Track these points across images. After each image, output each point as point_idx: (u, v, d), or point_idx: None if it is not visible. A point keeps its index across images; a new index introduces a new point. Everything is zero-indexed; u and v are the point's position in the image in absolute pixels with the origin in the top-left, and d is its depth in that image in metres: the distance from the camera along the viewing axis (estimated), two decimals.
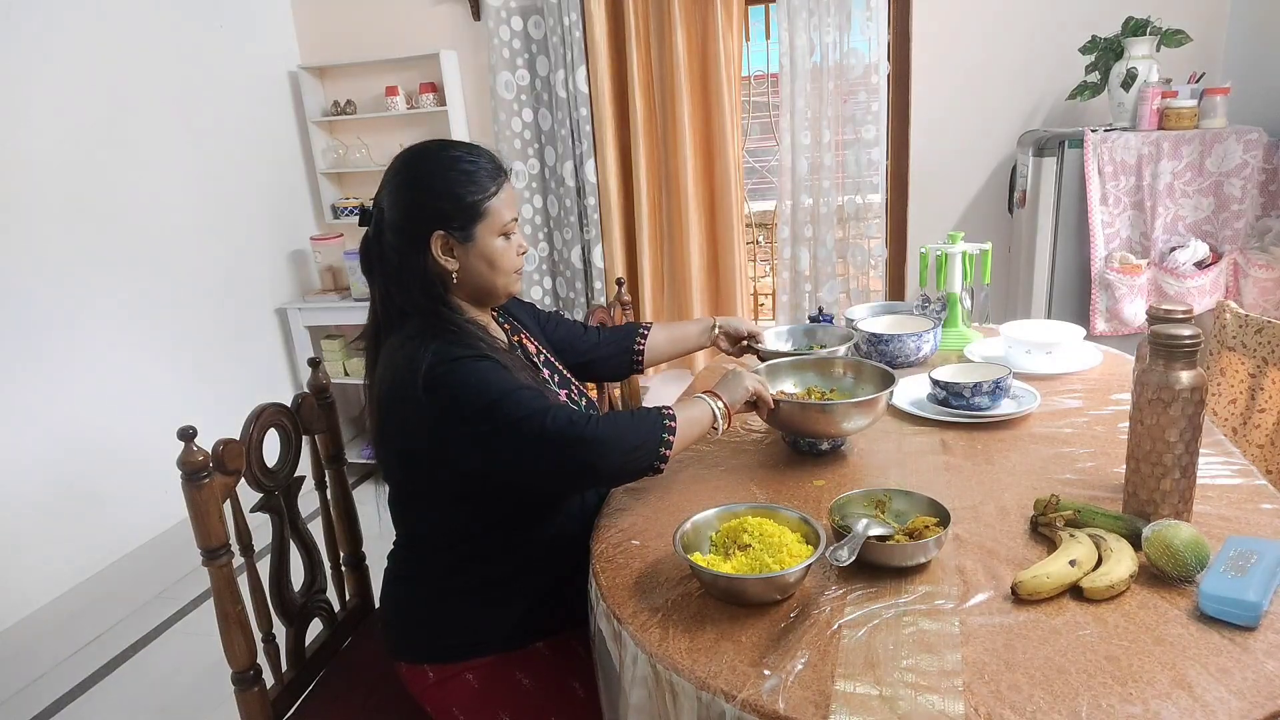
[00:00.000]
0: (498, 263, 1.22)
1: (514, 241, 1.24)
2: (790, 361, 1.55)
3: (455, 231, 1.18)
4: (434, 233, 1.17)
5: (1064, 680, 0.83)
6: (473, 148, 1.22)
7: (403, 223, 1.18)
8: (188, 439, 1.15)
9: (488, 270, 1.22)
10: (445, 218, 1.17)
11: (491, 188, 1.19)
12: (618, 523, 1.24)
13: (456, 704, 1.24)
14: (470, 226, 1.18)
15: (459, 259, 1.20)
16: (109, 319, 2.59)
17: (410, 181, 1.20)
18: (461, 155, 1.20)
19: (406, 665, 1.27)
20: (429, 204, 1.17)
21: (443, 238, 1.18)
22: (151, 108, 2.74)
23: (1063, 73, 2.73)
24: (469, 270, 1.21)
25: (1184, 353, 1.02)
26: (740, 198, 3.08)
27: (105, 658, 2.40)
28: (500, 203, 1.20)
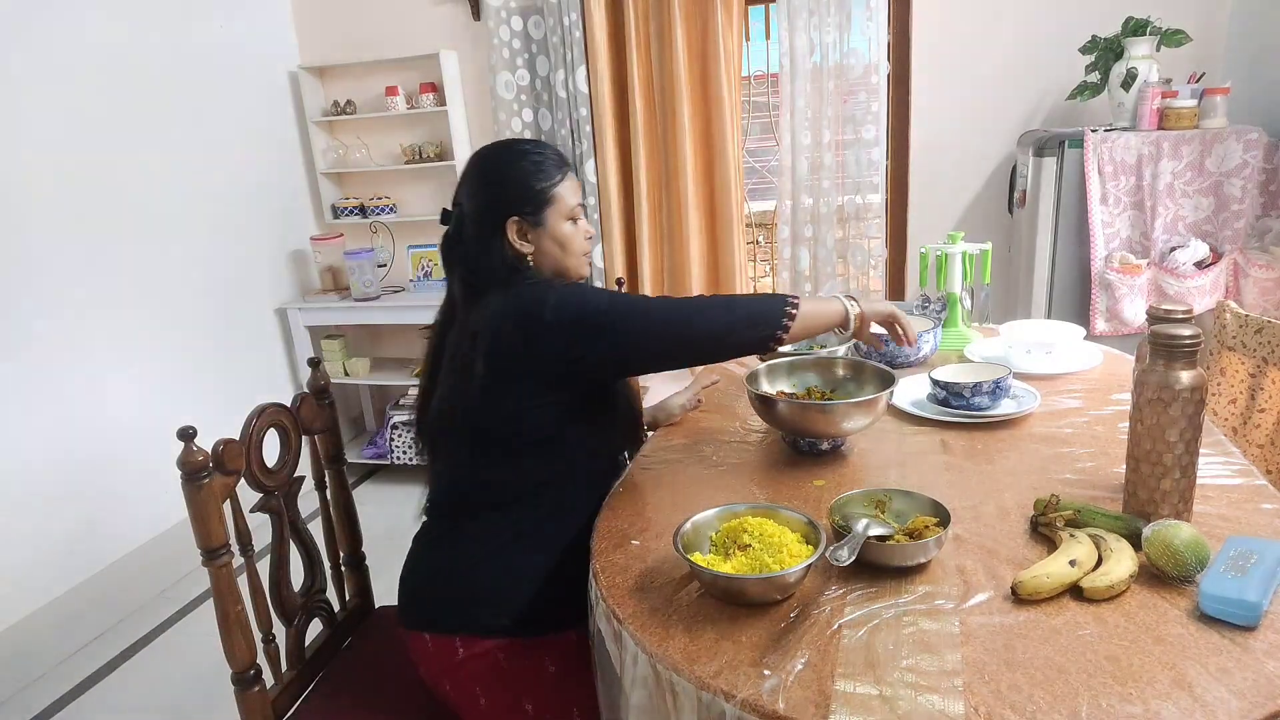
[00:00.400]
0: (568, 244, 1.32)
1: (581, 226, 1.34)
2: (790, 361, 1.56)
3: (528, 216, 1.28)
4: (509, 219, 1.27)
5: (1064, 680, 0.83)
6: (538, 143, 1.35)
7: (480, 213, 1.29)
8: (188, 439, 1.15)
9: (560, 252, 1.32)
10: (518, 204, 1.28)
11: (557, 176, 1.30)
12: (618, 523, 1.24)
13: (480, 682, 1.24)
14: (540, 211, 1.29)
15: (533, 242, 1.30)
16: (109, 319, 2.59)
17: (484, 175, 1.31)
18: (529, 149, 1.32)
19: (432, 638, 1.26)
20: (503, 193, 1.29)
21: (517, 223, 1.28)
22: (151, 107, 2.74)
23: (1063, 73, 2.73)
24: (543, 253, 1.31)
25: (1184, 353, 1.02)
26: (740, 198, 3.08)
27: (105, 658, 2.40)
28: (566, 189, 1.31)
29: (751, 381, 1.47)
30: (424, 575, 1.32)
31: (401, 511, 3.17)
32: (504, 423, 1.24)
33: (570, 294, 1.23)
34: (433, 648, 1.27)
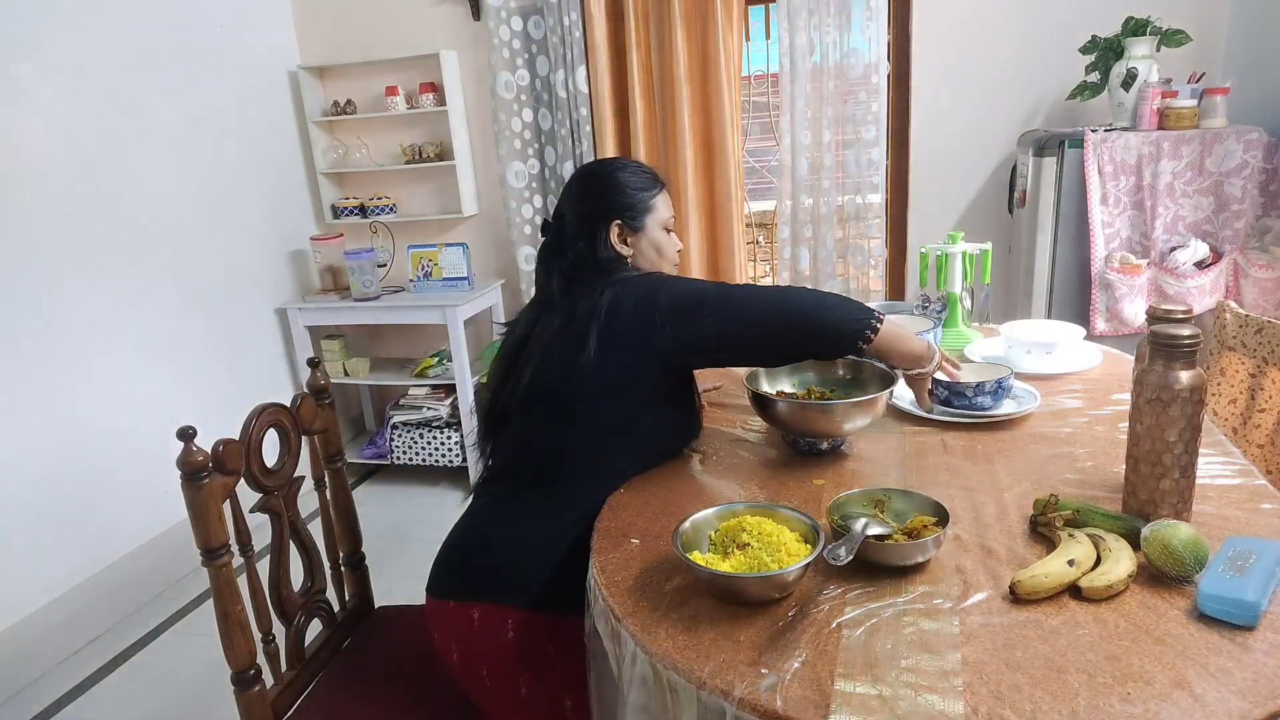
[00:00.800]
0: (664, 251, 1.43)
1: (673, 239, 1.45)
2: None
3: (629, 220, 1.38)
4: (612, 222, 1.37)
5: (1063, 680, 0.83)
6: (637, 161, 1.48)
7: (584, 218, 1.38)
8: (187, 439, 1.15)
9: (656, 257, 1.42)
10: (621, 209, 1.38)
11: (655, 189, 1.42)
12: (617, 522, 1.24)
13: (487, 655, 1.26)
14: (641, 217, 1.39)
15: (632, 246, 1.39)
16: (109, 319, 2.59)
17: (589, 185, 1.41)
18: (629, 163, 1.44)
19: (454, 605, 1.29)
20: (607, 199, 1.38)
21: (619, 226, 1.38)
22: (151, 108, 2.74)
23: (1063, 73, 2.73)
24: (641, 256, 1.41)
25: (1183, 353, 1.02)
26: (740, 198, 3.08)
27: (105, 658, 2.40)
28: (662, 201, 1.42)
29: (751, 381, 1.47)
30: (464, 545, 1.35)
31: (401, 511, 3.19)
32: (597, 395, 1.29)
33: (684, 279, 1.33)
34: (452, 614, 1.30)
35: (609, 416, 1.32)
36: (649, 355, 1.28)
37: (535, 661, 1.27)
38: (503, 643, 1.27)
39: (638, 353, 1.28)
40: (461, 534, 1.37)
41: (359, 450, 3.50)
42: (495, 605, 1.27)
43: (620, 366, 1.28)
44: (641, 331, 1.27)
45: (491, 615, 1.27)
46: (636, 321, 1.27)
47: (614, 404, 1.31)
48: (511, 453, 1.39)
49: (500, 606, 1.27)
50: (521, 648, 1.27)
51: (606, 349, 1.27)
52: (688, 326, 1.27)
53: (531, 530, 1.30)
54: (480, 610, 1.28)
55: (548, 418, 1.33)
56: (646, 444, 1.38)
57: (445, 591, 1.32)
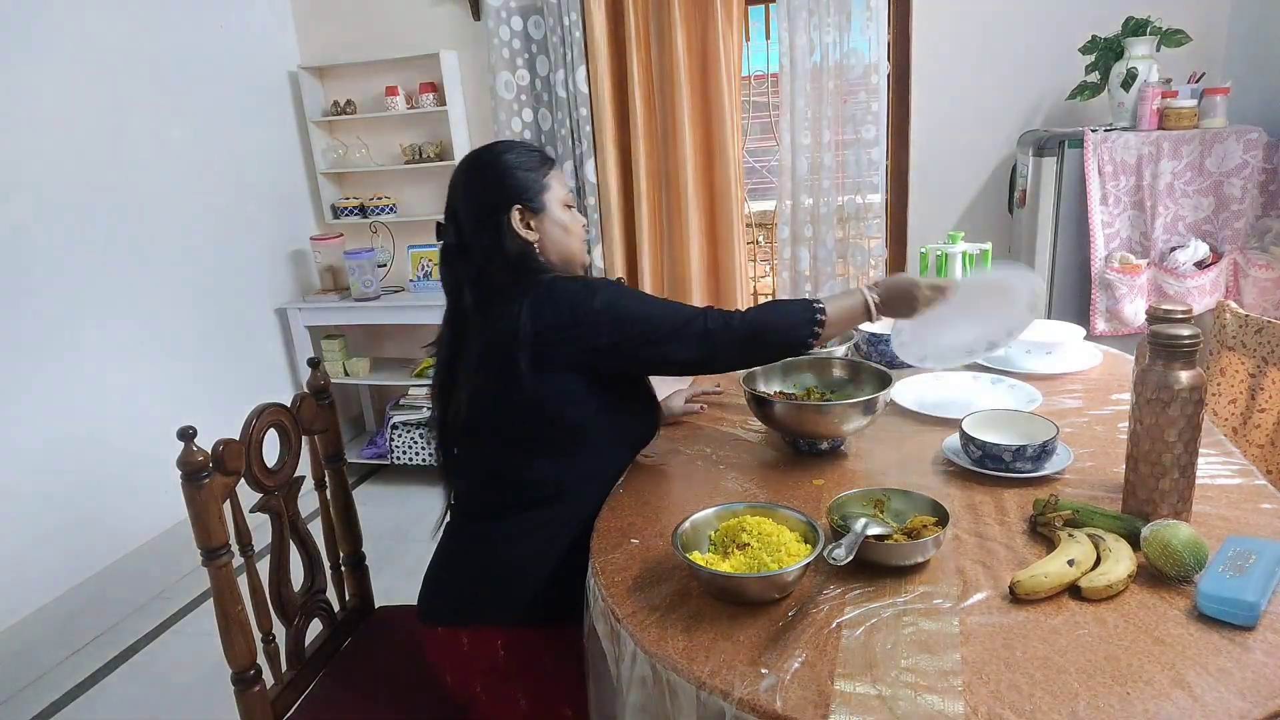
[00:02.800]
0: (570, 228, 1.35)
1: (576, 215, 1.38)
2: (788, 362, 1.56)
3: (529, 204, 1.30)
4: (511, 208, 1.29)
5: (1063, 680, 0.83)
6: (520, 141, 1.42)
7: (481, 212, 1.30)
8: (188, 439, 1.15)
9: (564, 236, 1.34)
10: (518, 193, 1.30)
11: (546, 166, 1.34)
12: (617, 522, 1.24)
13: (480, 675, 1.26)
14: (540, 197, 1.32)
15: (536, 229, 1.32)
16: (109, 319, 2.59)
17: (479, 176, 1.32)
18: (514, 143, 1.36)
19: (443, 631, 1.29)
20: (501, 186, 1.30)
21: (520, 210, 1.30)
22: (151, 108, 2.74)
23: (1063, 73, 2.73)
24: (548, 238, 1.33)
25: (1183, 353, 1.02)
26: (740, 198, 3.08)
27: (105, 658, 2.40)
28: (557, 179, 1.35)
29: (749, 382, 1.47)
30: (445, 573, 1.34)
31: (402, 511, 3.19)
32: (541, 416, 1.26)
33: (615, 287, 1.27)
34: (442, 639, 1.30)
35: (557, 437, 1.29)
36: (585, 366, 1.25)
37: (531, 675, 1.27)
38: (495, 662, 1.26)
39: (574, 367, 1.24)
40: (442, 559, 1.35)
41: (359, 450, 3.50)
42: (483, 628, 1.27)
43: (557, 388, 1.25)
44: (574, 341, 1.23)
45: (480, 638, 1.27)
46: (567, 332, 1.22)
47: (559, 421, 1.27)
48: (472, 479, 1.36)
49: (488, 629, 1.27)
50: (515, 664, 1.26)
51: (542, 370, 1.23)
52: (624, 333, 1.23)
53: (509, 552, 1.29)
54: (469, 634, 1.28)
55: (495, 449, 1.31)
56: (603, 454, 1.35)
57: (433, 618, 1.32)
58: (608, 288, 1.26)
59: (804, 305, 1.30)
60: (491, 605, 1.27)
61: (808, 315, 1.28)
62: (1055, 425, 1.29)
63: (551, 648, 1.27)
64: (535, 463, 1.29)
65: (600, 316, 1.23)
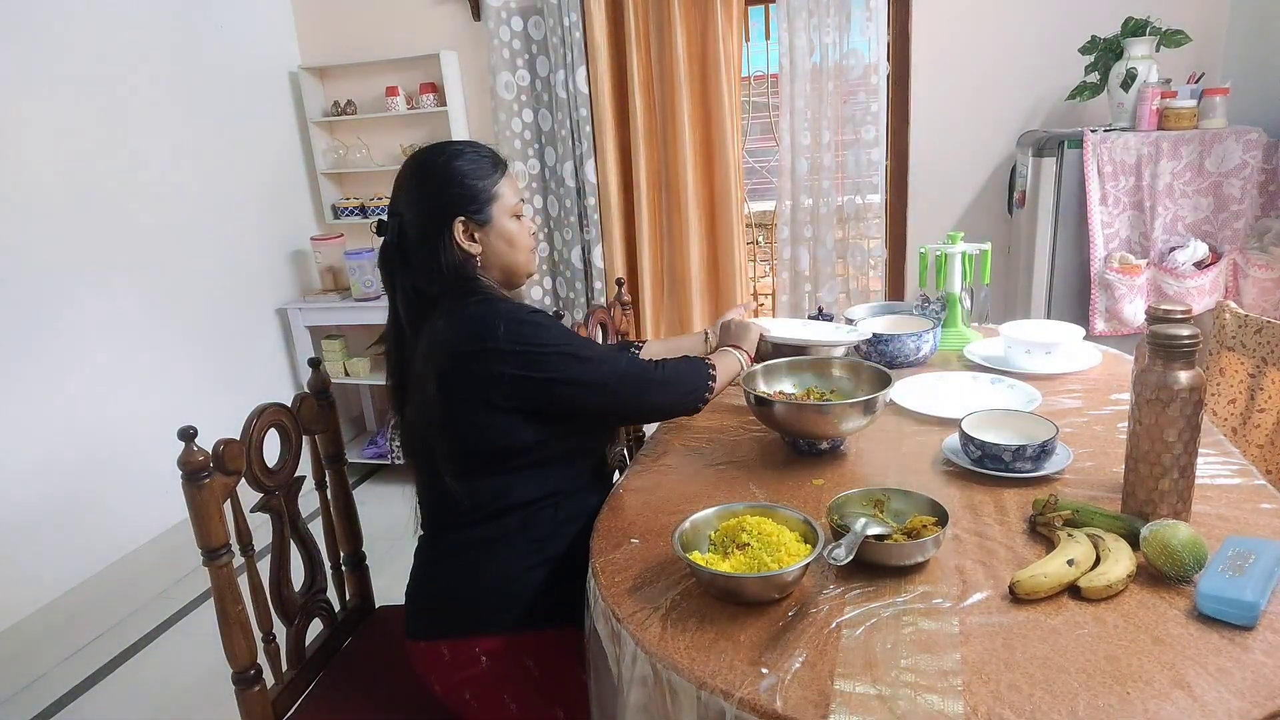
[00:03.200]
0: (515, 241, 1.31)
1: (525, 223, 1.33)
2: (788, 362, 1.56)
3: (474, 215, 1.26)
4: (455, 219, 1.24)
5: (1063, 680, 0.83)
6: (471, 143, 1.32)
7: (423, 219, 1.25)
8: (188, 439, 1.15)
9: (508, 249, 1.30)
10: (463, 203, 1.25)
11: (496, 174, 1.29)
12: (617, 522, 1.24)
13: (467, 685, 1.26)
14: (486, 209, 1.27)
15: (480, 241, 1.27)
16: (109, 319, 2.59)
17: (424, 179, 1.27)
18: (464, 148, 1.29)
19: (425, 644, 1.29)
20: (446, 194, 1.25)
21: (463, 222, 1.25)
22: (152, 108, 2.74)
23: (1063, 73, 2.73)
24: (491, 251, 1.29)
25: (1182, 353, 1.02)
26: (740, 198, 3.08)
27: (105, 658, 2.40)
28: (507, 186, 1.30)
29: (748, 382, 1.47)
30: (420, 588, 1.34)
31: (402, 511, 3.17)
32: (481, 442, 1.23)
33: (520, 319, 1.20)
34: (424, 653, 1.29)
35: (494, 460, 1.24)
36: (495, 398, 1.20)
37: (517, 680, 1.26)
38: (478, 671, 1.25)
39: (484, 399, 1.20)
40: (418, 574, 1.34)
41: (360, 450, 3.50)
42: (464, 639, 1.26)
43: (475, 415, 1.21)
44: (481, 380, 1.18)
45: (460, 648, 1.26)
46: (472, 363, 1.18)
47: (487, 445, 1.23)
48: (429, 491, 1.33)
49: (467, 639, 1.26)
50: (499, 670, 1.25)
51: (454, 399, 1.20)
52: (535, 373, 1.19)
53: (474, 565, 1.27)
54: (449, 646, 1.27)
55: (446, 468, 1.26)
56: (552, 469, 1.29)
57: (415, 632, 1.31)
58: (514, 317, 1.20)
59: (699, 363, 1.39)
60: (468, 618, 1.26)
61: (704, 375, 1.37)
62: (1055, 425, 1.29)
63: (538, 652, 1.27)
64: (484, 481, 1.26)
65: (504, 350, 1.17)
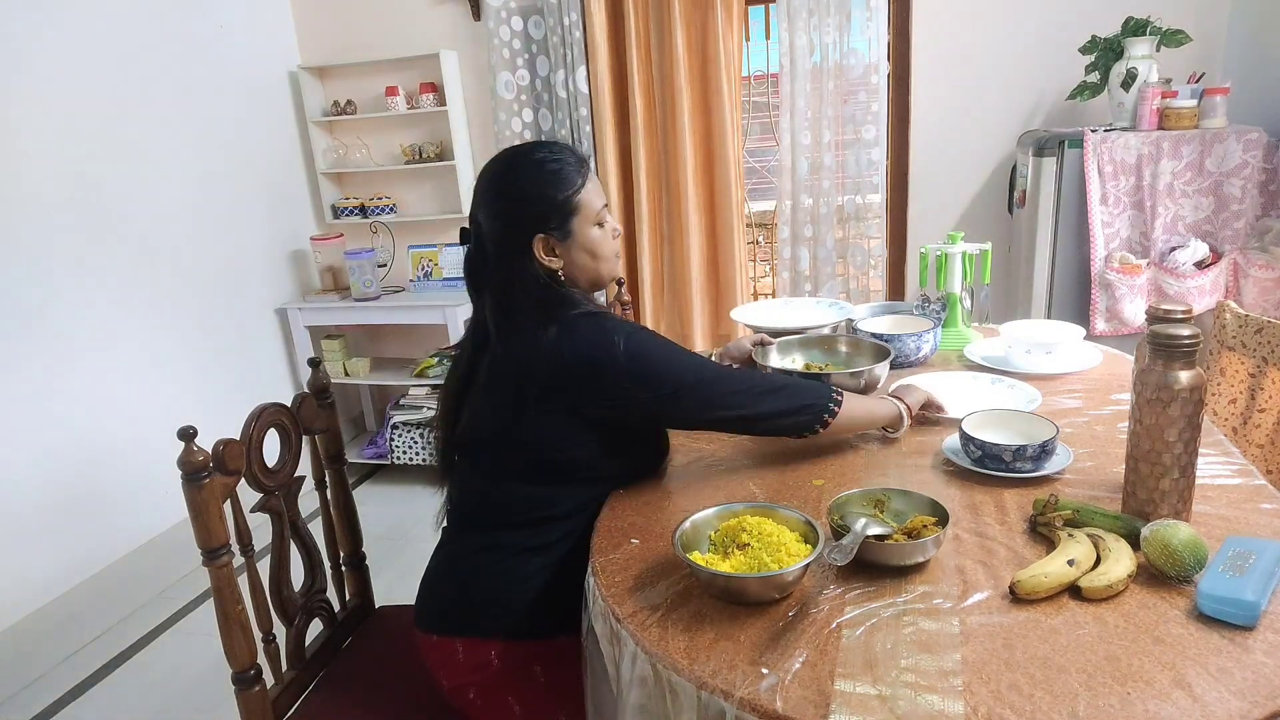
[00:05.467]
0: (599, 251, 1.27)
1: (608, 227, 1.29)
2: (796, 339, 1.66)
3: (554, 231, 1.22)
4: (535, 236, 1.21)
5: (1063, 680, 0.83)
6: (553, 145, 1.26)
7: (503, 233, 1.22)
8: (188, 439, 1.15)
9: (591, 261, 1.27)
10: (543, 219, 1.22)
11: (579, 181, 1.23)
12: (617, 522, 1.24)
13: (474, 684, 1.26)
14: (567, 223, 1.23)
15: (561, 256, 1.24)
16: (109, 319, 2.59)
17: (503, 191, 1.23)
18: (545, 156, 1.24)
19: (437, 638, 1.28)
20: (525, 210, 1.22)
21: (544, 240, 1.22)
22: (151, 108, 2.74)
23: (1063, 73, 2.73)
24: (573, 264, 1.26)
25: (1183, 353, 1.02)
26: (740, 198, 3.08)
27: (105, 658, 2.40)
28: (589, 193, 1.24)
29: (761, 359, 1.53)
30: (439, 581, 1.33)
31: (402, 511, 3.19)
32: (545, 451, 1.23)
33: (640, 341, 1.20)
34: (437, 647, 1.29)
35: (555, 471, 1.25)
36: (595, 416, 1.21)
37: (523, 684, 1.26)
38: (489, 671, 1.26)
39: (582, 415, 1.21)
40: (438, 570, 1.34)
41: (359, 450, 3.50)
42: (477, 639, 1.26)
43: (564, 429, 1.21)
44: (591, 398, 1.19)
45: (474, 647, 1.26)
46: (584, 384, 1.18)
47: (563, 459, 1.24)
48: (470, 495, 1.33)
49: (483, 640, 1.26)
50: (507, 673, 1.26)
51: (550, 411, 1.20)
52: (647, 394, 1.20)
53: (503, 566, 1.27)
54: (463, 644, 1.26)
55: (491, 469, 1.28)
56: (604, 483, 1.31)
57: (428, 626, 1.31)
58: (631, 339, 1.19)
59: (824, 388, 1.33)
60: (486, 617, 1.26)
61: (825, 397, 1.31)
62: (1055, 425, 1.29)
63: (546, 658, 1.27)
64: (531, 489, 1.26)
65: (622, 368, 1.18)
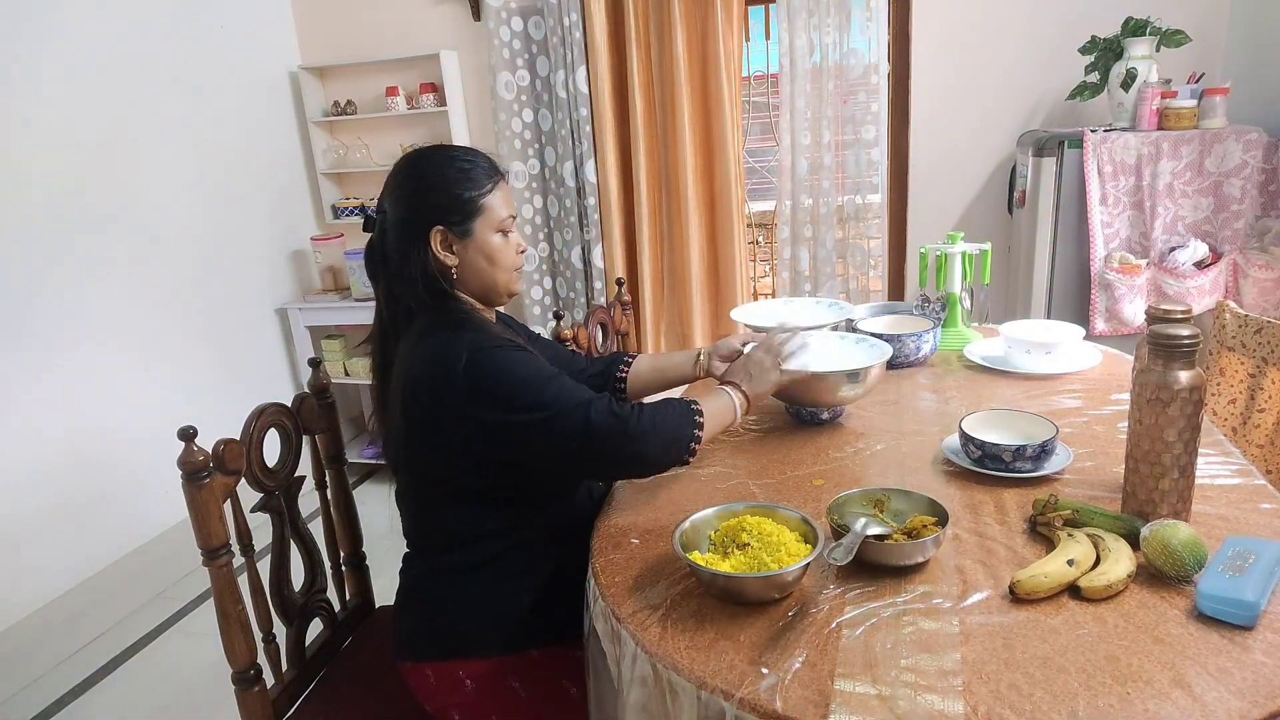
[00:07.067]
0: (496, 258, 1.25)
1: (512, 240, 1.27)
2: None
3: (454, 227, 1.21)
4: (433, 228, 1.21)
5: (1063, 680, 0.83)
6: (469, 150, 1.26)
7: (403, 221, 1.22)
8: (188, 439, 1.15)
9: (487, 266, 1.25)
10: (443, 212, 1.21)
11: (487, 185, 1.23)
12: (617, 521, 1.24)
13: (455, 705, 1.25)
14: (468, 221, 1.22)
15: (458, 254, 1.23)
16: (109, 319, 2.59)
17: (409, 181, 1.23)
18: (458, 155, 1.24)
19: (410, 665, 1.28)
20: (428, 200, 1.21)
21: (441, 233, 1.21)
22: (152, 108, 2.74)
23: (1063, 73, 2.73)
24: (469, 266, 1.24)
25: (1183, 353, 1.02)
26: (740, 198, 3.08)
27: (105, 658, 2.40)
28: (496, 200, 1.24)
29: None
30: (401, 610, 1.33)
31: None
32: (437, 474, 1.21)
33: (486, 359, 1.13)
34: (411, 673, 1.29)
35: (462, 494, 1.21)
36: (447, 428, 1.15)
37: (503, 702, 1.25)
38: (463, 694, 1.25)
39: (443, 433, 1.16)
40: (398, 598, 1.33)
41: (359, 450, 3.50)
42: (443, 663, 1.25)
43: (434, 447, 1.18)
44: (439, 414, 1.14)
45: (445, 671, 1.25)
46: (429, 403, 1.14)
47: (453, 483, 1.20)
48: (406, 519, 1.31)
49: (452, 663, 1.25)
50: (485, 693, 1.25)
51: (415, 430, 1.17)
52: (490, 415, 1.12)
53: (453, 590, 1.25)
54: (432, 668, 1.26)
55: (415, 493, 1.26)
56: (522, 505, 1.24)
57: (399, 654, 1.30)
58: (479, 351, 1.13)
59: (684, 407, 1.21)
60: (446, 640, 1.25)
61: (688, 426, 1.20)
62: (1055, 425, 1.29)
63: (522, 673, 1.25)
64: (452, 511, 1.23)
65: (460, 387, 1.12)
